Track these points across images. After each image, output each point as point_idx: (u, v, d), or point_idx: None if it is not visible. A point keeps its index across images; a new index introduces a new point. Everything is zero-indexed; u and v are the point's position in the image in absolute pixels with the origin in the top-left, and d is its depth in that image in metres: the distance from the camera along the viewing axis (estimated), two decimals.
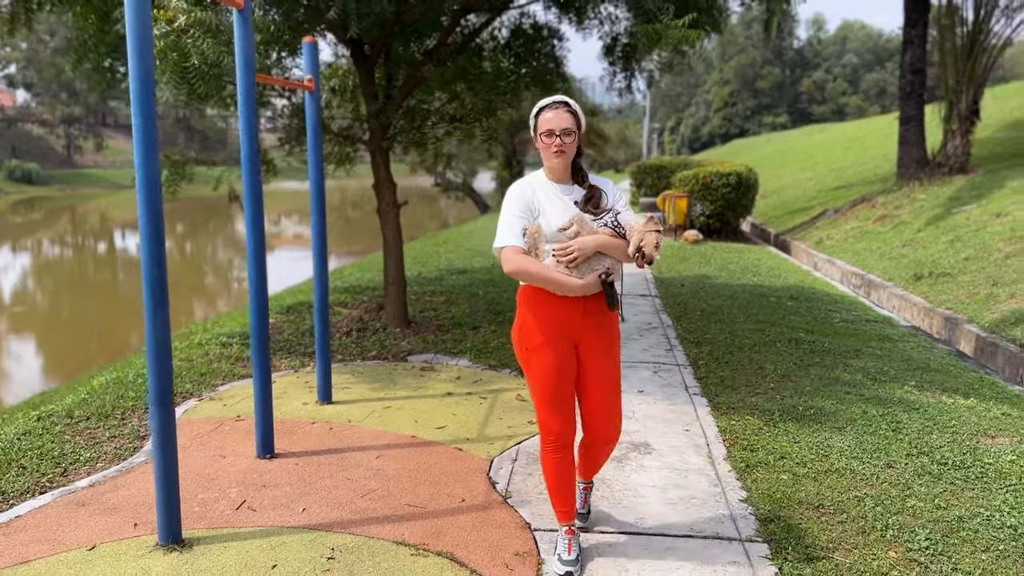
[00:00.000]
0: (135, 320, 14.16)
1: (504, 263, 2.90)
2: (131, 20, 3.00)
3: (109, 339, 12.98)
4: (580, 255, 2.83)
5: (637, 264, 2.83)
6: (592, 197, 3.00)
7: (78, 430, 4.66)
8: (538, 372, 2.99)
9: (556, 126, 2.90)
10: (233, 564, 3.09)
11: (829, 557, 3.22)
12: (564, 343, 2.98)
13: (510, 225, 2.92)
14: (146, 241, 3.05)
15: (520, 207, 2.94)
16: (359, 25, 5.76)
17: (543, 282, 2.88)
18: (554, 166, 2.97)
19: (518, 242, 2.88)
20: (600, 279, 2.87)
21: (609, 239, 2.88)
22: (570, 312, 2.95)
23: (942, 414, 5.04)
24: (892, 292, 9.98)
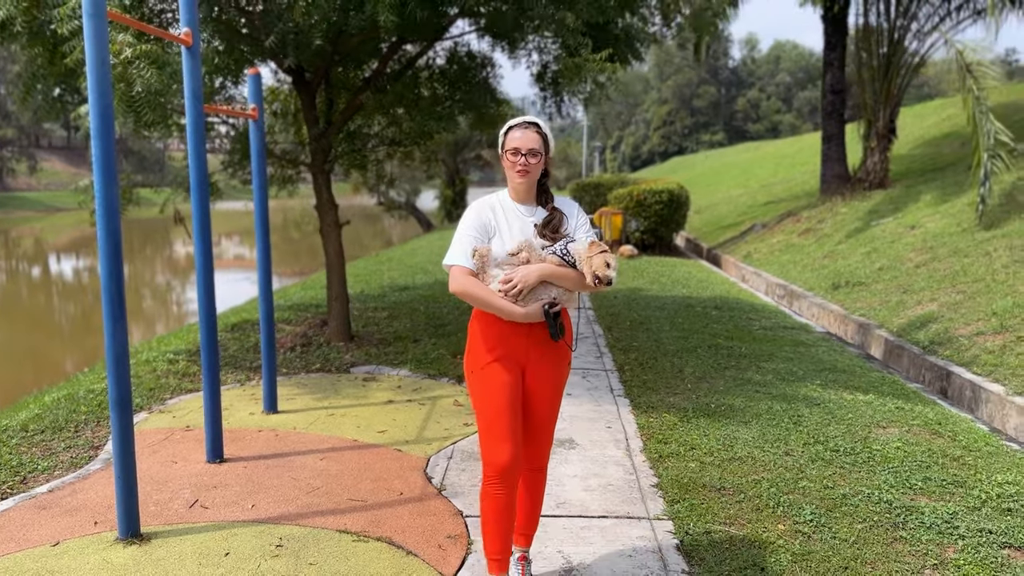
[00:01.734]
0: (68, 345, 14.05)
1: (450, 281, 2.86)
2: (91, 59, 3.32)
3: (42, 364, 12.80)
4: (523, 286, 2.77)
5: (598, 287, 2.76)
6: (552, 221, 2.94)
7: (34, 442, 4.88)
8: (483, 393, 2.89)
9: (522, 145, 2.86)
10: (189, 553, 3.39)
11: (725, 531, 3.65)
12: (513, 368, 2.90)
13: (462, 244, 2.86)
14: (105, 260, 3.36)
15: (475, 227, 2.88)
16: (297, 56, 6.11)
17: (486, 306, 2.82)
18: (517, 186, 2.92)
19: (467, 262, 2.83)
20: (543, 309, 2.80)
21: (555, 269, 2.81)
22: (516, 337, 2.89)
23: (841, 408, 5.56)
24: (812, 301, 10.60)
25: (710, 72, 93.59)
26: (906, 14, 15.98)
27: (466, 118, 7.90)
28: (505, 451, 2.84)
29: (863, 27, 16.56)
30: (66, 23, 5.17)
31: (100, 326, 12.54)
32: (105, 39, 3.33)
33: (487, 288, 2.82)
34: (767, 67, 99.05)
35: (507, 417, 2.86)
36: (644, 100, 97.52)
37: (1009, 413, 5.95)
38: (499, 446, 2.85)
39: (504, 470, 2.85)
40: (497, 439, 2.85)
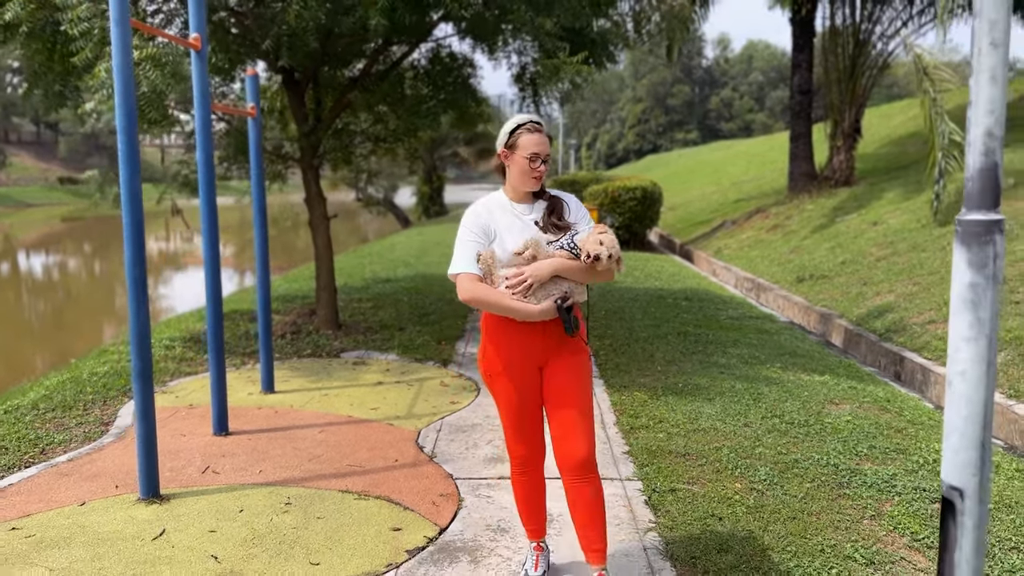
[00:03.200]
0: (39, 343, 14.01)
1: (459, 291, 2.80)
2: (117, 62, 3.66)
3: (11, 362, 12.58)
4: (534, 282, 2.75)
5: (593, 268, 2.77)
6: (554, 209, 2.93)
7: (46, 419, 5.21)
8: (500, 399, 2.95)
9: (541, 151, 2.83)
10: (206, 510, 3.76)
11: (688, 488, 4.07)
12: (527, 368, 2.91)
13: (464, 251, 2.82)
14: (129, 246, 3.71)
15: (476, 231, 2.84)
16: (290, 57, 6.46)
17: (499, 309, 2.78)
18: (527, 188, 2.88)
19: (472, 268, 2.80)
20: (556, 304, 2.78)
21: (565, 262, 2.79)
22: (531, 337, 2.86)
23: (798, 387, 6.01)
24: (778, 293, 11.10)
25: (684, 71, 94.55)
26: (870, 18, 16.55)
27: (448, 116, 8.27)
28: (520, 447, 3.02)
29: (830, 30, 17.11)
30: (76, 25, 5.48)
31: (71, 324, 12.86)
32: (129, 44, 3.68)
33: (498, 291, 2.78)
34: (740, 67, 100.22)
35: (522, 418, 2.95)
36: (619, 98, 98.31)
37: None
38: (517, 443, 3.02)
39: (524, 460, 3.05)
40: (515, 437, 3.00)
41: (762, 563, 3.30)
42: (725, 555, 3.36)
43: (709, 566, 3.28)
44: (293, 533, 3.53)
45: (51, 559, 3.31)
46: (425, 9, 6.21)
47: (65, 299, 20.05)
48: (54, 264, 27.93)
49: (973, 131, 1.83)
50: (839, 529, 3.65)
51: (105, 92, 5.68)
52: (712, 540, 3.50)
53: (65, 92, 6.91)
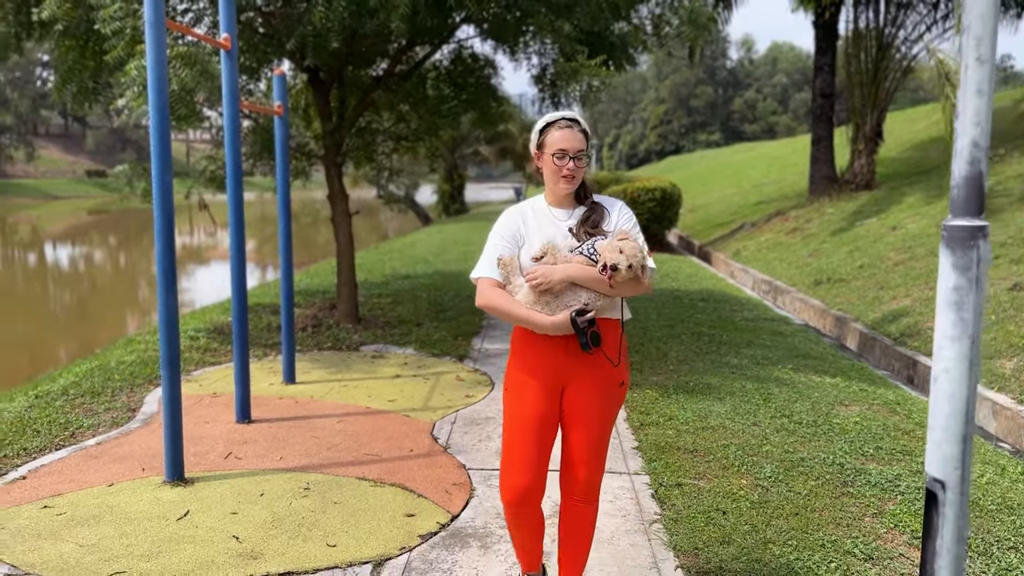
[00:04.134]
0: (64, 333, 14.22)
1: (477, 296, 2.66)
2: (151, 61, 3.82)
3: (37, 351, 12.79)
4: (543, 282, 2.52)
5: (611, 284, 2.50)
6: (591, 216, 2.69)
7: (75, 404, 5.40)
8: (509, 414, 2.71)
9: (571, 147, 2.60)
10: (229, 493, 3.92)
11: (694, 483, 4.18)
12: (547, 387, 2.66)
13: (489, 255, 2.67)
14: (160, 237, 3.87)
15: (505, 235, 2.67)
16: (315, 57, 6.62)
17: (511, 318, 2.61)
18: (559, 191, 2.67)
19: (493, 273, 2.63)
20: (571, 317, 2.51)
21: (581, 268, 2.53)
22: (552, 352, 2.63)
23: (809, 388, 6.09)
24: (794, 296, 11.14)
25: (708, 73, 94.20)
26: (894, 22, 16.51)
27: (469, 116, 8.40)
28: (516, 476, 2.67)
29: (853, 33, 17.08)
30: (108, 24, 5.66)
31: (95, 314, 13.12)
32: (163, 45, 3.83)
33: (511, 299, 2.60)
34: (764, 68, 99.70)
35: (527, 444, 2.66)
36: (642, 99, 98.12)
37: None
38: (512, 473, 2.68)
39: (516, 497, 2.68)
40: (511, 465, 2.68)
41: (763, 555, 3.40)
42: (727, 547, 3.47)
43: (711, 556, 3.39)
44: (311, 516, 3.68)
45: (80, 536, 3.47)
46: (446, 13, 6.35)
47: (90, 290, 20.38)
48: (79, 256, 28.38)
49: (960, 141, 1.93)
50: (840, 525, 3.74)
51: (136, 89, 5.86)
52: (715, 532, 3.61)
53: (97, 88, 7.11)
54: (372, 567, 3.26)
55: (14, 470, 4.23)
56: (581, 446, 2.71)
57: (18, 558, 3.27)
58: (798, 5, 18.67)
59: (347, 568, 3.23)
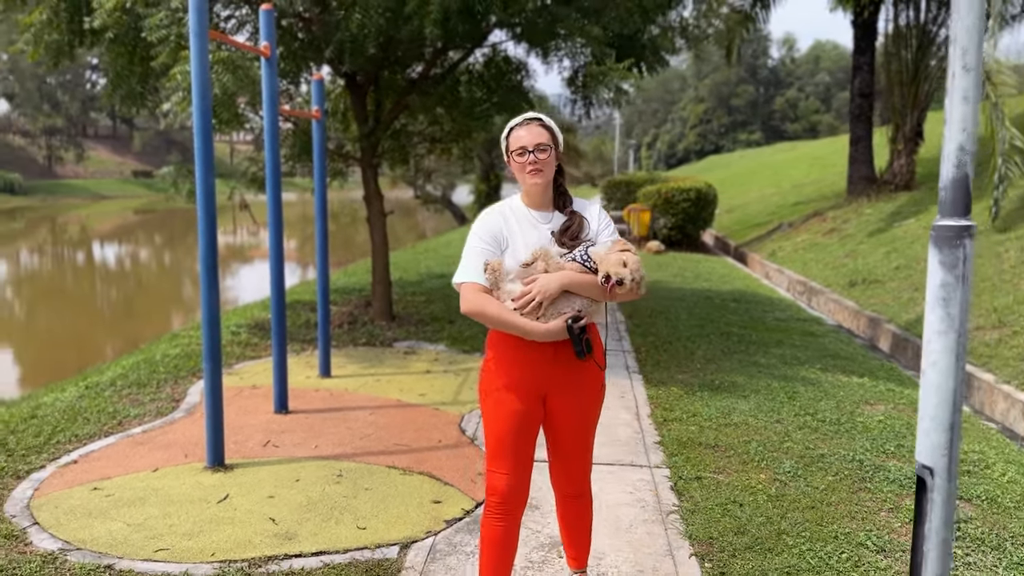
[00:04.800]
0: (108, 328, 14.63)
1: (462, 301, 2.58)
2: (195, 69, 4.04)
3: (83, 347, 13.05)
4: (544, 299, 2.48)
5: (610, 294, 2.50)
6: (570, 226, 2.65)
7: (122, 395, 5.66)
8: (491, 419, 2.66)
9: (528, 142, 2.59)
10: (266, 478, 4.13)
11: (713, 477, 4.29)
12: (530, 393, 2.63)
13: (472, 259, 2.60)
14: (203, 236, 4.09)
15: (486, 238, 2.61)
16: (352, 62, 6.83)
17: (503, 326, 2.54)
18: (531, 189, 2.64)
19: (479, 279, 2.56)
20: (567, 324, 2.50)
21: (577, 276, 2.52)
22: (539, 358, 2.59)
23: (835, 388, 6.15)
24: (829, 297, 11.13)
25: (748, 71, 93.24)
26: (935, 20, 16.32)
27: (502, 118, 8.56)
28: (503, 481, 2.65)
29: (893, 32, 16.92)
30: (155, 32, 5.92)
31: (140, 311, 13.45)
32: (207, 54, 4.05)
33: (503, 306, 2.54)
34: (806, 67, 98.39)
35: (511, 450, 2.63)
36: (681, 98, 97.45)
37: (996, 399, 6.49)
38: (499, 476, 2.66)
39: (502, 497, 2.66)
40: (498, 469, 2.66)
41: (776, 545, 3.51)
42: (741, 537, 3.58)
43: (725, 545, 3.50)
44: (343, 501, 3.87)
45: (127, 515, 3.70)
46: (477, 19, 6.51)
47: (135, 287, 20.93)
48: (126, 254, 29.12)
49: (947, 146, 2.04)
50: (855, 519, 3.83)
51: (180, 93, 6.13)
52: (730, 523, 3.72)
53: (144, 93, 7.41)
54: (399, 548, 3.44)
55: (66, 455, 4.49)
56: (571, 449, 2.75)
57: (71, 535, 3.50)
58: (836, 4, 18.53)
59: (376, 549, 3.41)
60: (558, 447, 2.76)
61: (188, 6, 5.23)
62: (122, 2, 6.06)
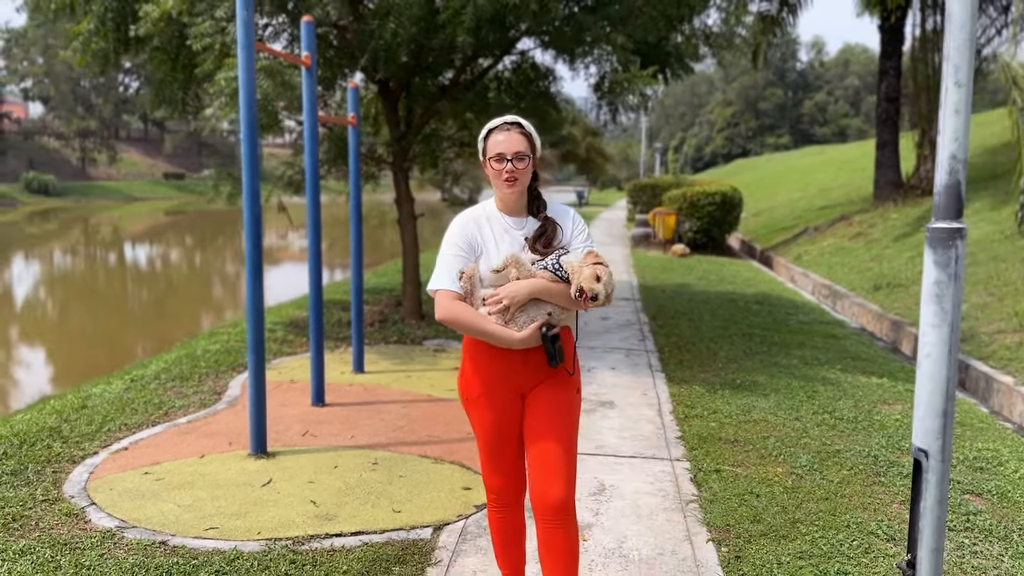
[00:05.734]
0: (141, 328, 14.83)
1: (436, 310, 2.58)
2: (243, 79, 4.29)
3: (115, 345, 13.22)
4: (511, 304, 2.51)
5: (583, 306, 2.52)
6: (544, 233, 2.65)
7: (167, 388, 5.95)
8: (476, 426, 2.74)
9: (507, 149, 2.56)
10: (307, 465, 4.37)
11: (732, 470, 4.47)
12: (507, 395, 2.67)
13: (446, 266, 2.58)
14: (249, 234, 4.34)
15: (460, 244, 2.59)
16: (386, 70, 7.08)
17: (479, 333, 2.56)
18: (505, 196, 2.63)
19: (453, 286, 2.55)
20: (541, 333, 2.54)
21: (547, 284, 2.53)
22: (511, 364, 2.62)
23: (854, 388, 6.29)
24: (853, 300, 11.22)
25: (777, 75, 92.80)
26: None
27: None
28: (496, 478, 2.79)
29: (920, 37, 16.93)
30: (200, 40, 6.21)
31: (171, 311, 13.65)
32: (252, 64, 4.30)
33: (478, 313, 2.55)
34: (836, 70, 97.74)
35: (498, 450, 2.73)
36: (708, 101, 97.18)
37: (1015, 401, 6.59)
38: (492, 475, 2.80)
39: (498, 491, 2.81)
40: (490, 468, 2.79)
41: (790, 532, 3.69)
42: (757, 524, 3.76)
43: (741, 532, 3.69)
44: (379, 486, 4.10)
45: (178, 498, 3.95)
46: (508, 28, 6.73)
47: (166, 287, 21.33)
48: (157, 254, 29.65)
49: (941, 154, 2.23)
50: (868, 510, 3.99)
51: (223, 99, 6.40)
52: (747, 512, 3.90)
53: (186, 98, 7.71)
54: (433, 530, 3.66)
55: (117, 442, 4.76)
56: (553, 459, 2.61)
57: (126, 514, 3.76)
58: (863, 9, 18.57)
59: (411, 530, 3.64)
60: (537, 448, 2.63)
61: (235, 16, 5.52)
62: (167, 11, 6.34)
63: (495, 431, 2.70)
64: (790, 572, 3.32)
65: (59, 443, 4.69)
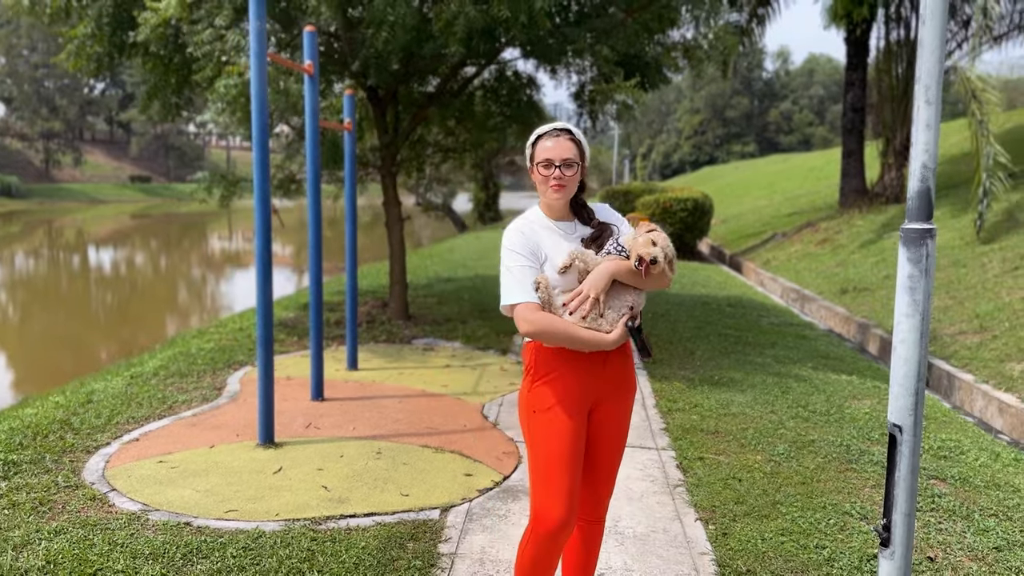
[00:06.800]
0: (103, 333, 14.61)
1: (521, 323, 2.45)
2: (255, 87, 4.51)
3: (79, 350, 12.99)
4: (597, 294, 2.44)
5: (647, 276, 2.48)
6: (600, 236, 2.60)
7: (167, 384, 6.12)
8: (545, 438, 2.51)
9: (556, 155, 2.51)
10: (313, 454, 4.59)
11: (714, 458, 4.77)
12: (580, 405, 2.53)
13: (519, 277, 2.48)
14: (259, 234, 4.55)
15: (524, 255, 2.51)
16: (378, 78, 7.31)
17: (570, 340, 2.44)
18: (552, 202, 2.57)
19: (531, 297, 2.45)
20: (627, 327, 2.48)
21: (620, 262, 2.48)
22: (590, 369, 2.52)
23: (826, 384, 6.63)
24: (821, 304, 11.63)
25: (743, 84, 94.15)
26: None
27: (512, 130, 9.06)
28: (560, 508, 2.47)
29: (884, 49, 17.49)
30: (200, 48, 6.40)
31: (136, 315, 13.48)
32: (265, 73, 4.52)
33: (566, 321, 2.45)
34: (801, 79, 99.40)
35: (568, 470, 2.49)
36: (676, 109, 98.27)
37: (976, 397, 6.99)
38: (554, 502, 2.47)
39: (557, 529, 2.48)
40: (554, 495, 2.48)
41: (771, 512, 3.98)
42: (740, 506, 4.06)
43: (726, 512, 3.98)
44: (385, 473, 4.34)
45: (195, 484, 4.15)
46: (497, 39, 7.00)
47: (129, 291, 21.15)
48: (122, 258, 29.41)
49: (913, 164, 2.53)
50: (842, 493, 4.30)
51: (221, 105, 6.60)
52: (730, 495, 4.19)
53: (180, 103, 7.88)
54: (440, 511, 3.90)
55: (127, 433, 4.94)
56: (609, 465, 2.66)
57: (148, 498, 3.95)
58: (830, 22, 19.12)
59: (420, 511, 3.88)
60: (595, 464, 2.64)
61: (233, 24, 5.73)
62: (167, 18, 6.52)
63: (568, 443, 2.49)
64: (773, 546, 3.62)
65: (71, 435, 4.85)
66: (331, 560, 3.35)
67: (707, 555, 3.55)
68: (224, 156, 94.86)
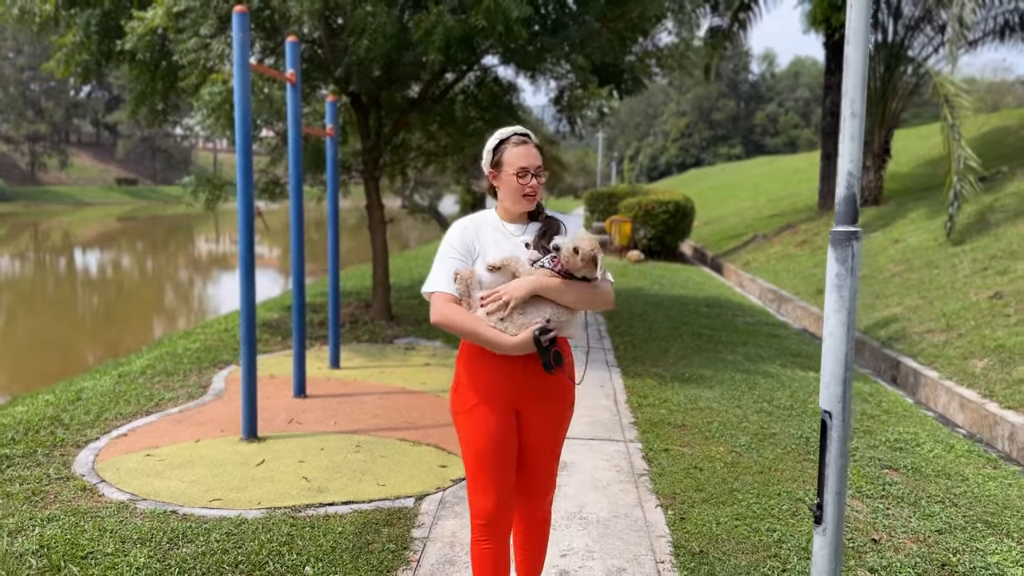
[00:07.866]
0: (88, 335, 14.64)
1: (431, 312, 2.53)
2: (238, 95, 4.71)
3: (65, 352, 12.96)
4: (511, 300, 2.47)
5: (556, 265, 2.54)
6: (547, 231, 2.63)
7: (154, 382, 6.30)
8: (471, 435, 2.59)
9: (531, 164, 2.55)
10: (295, 448, 4.79)
11: (679, 449, 5.00)
12: (504, 405, 2.58)
13: (442, 268, 2.56)
14: (242, 236, 4.75)
15: (458, 248, 2.57)
16: (359, 84, 7.52)
17: (472, 337, 2.50)
18: (520, 208, 2.61)
19: (449, 288, 2.52)
20: (534, 336, 2.46)
21: (546, 280, 2.50)
22: (510, 372, 2.55)
23: (792, 380, 6.88)
24: (797, 304, 11.90)
25: (729, 86, 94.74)
26: (902, 44, 17.25)
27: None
28: (488, 501, 2.59)
29: None
30: (185, 56, 6.59)
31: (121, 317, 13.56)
32: (248, 82, 4.72)
33: (473, 316, 2.50)
34: (786, 82, 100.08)
35: (494, 466, 2.58)
36: (663, 112, 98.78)
37: (939, 393, 7.24)
38: (482, 496, 2.60)
39: (489, 519, 2.61)
40: (482, 489, 2.60)
41: (728, 499, 4.21)
42: (699, 493, 4.29)
43: (685, 499, 4.20)
44: (363, 464, 4.54)
45: (181, 475, 4.35)
46: (476, 47, 7.22)
47: (115, 293, 21.22)
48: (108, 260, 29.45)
49: (840, 172, 2.76)
50: (797, 482, 4.54)
51: (206, 111, 6.79)
52: (691, 483, 4.42)
53: (166, 109, 8.06)
54: (415, 499, 4.11)
55: (116, 429, 5.13)
56: (541, 465, 2.73)
57: (136, 489, 4.15)
58: (809, 26, 19.45)
59: (395, 499, 4.09)
60: (525, 461, 2.70)
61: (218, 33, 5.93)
62: (154, 27, 6.71)
63: (493, 440, 2.57)
64: (727, 529, 3.85)
65: (61, 430, 5.04)
66: (309, 544, 3.56)
67: (664, 537, 3.78)
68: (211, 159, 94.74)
